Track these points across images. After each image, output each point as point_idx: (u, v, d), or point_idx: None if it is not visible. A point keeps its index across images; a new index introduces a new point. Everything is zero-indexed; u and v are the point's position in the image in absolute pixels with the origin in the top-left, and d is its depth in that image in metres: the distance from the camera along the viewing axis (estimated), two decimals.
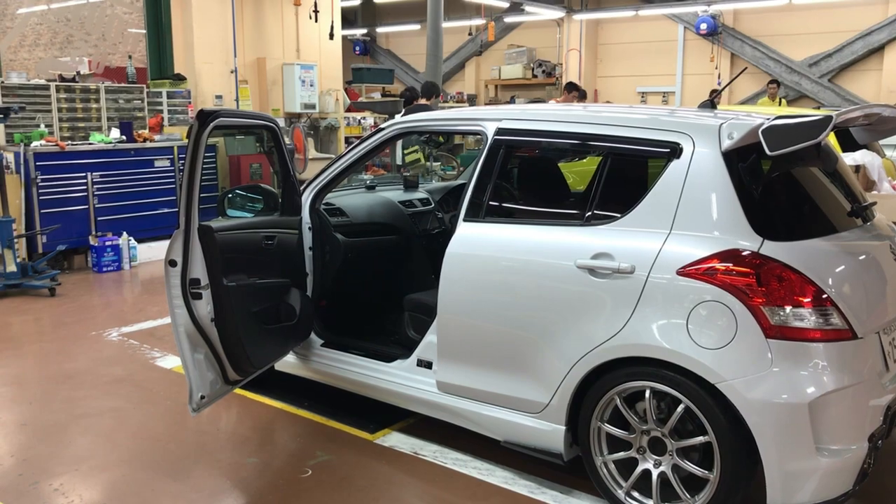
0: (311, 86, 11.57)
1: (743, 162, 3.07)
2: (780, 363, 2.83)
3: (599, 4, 17.93)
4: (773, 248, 2.92)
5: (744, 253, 2.93)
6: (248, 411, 4.42)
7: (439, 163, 8.99)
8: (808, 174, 3.42)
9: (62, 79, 9.61)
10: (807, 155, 3.16)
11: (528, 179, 4.13)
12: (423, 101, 9.10)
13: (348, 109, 12.84)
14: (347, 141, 11.96)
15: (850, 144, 6.13)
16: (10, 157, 7.70)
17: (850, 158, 6.21)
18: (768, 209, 3.10)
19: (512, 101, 18.15)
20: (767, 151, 2.91)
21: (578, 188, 4.64)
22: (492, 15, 16.70)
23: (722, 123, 3.14)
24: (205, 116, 3.45)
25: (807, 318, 2.84)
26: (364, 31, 20.87)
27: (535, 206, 3.86)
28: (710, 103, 3.72)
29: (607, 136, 3.45)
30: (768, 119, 3.03)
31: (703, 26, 15.99)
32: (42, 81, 9.47)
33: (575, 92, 11.55)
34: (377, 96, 15.09)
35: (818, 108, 12.21)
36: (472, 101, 18.84)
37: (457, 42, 19.30)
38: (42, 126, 8.71)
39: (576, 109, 4.00)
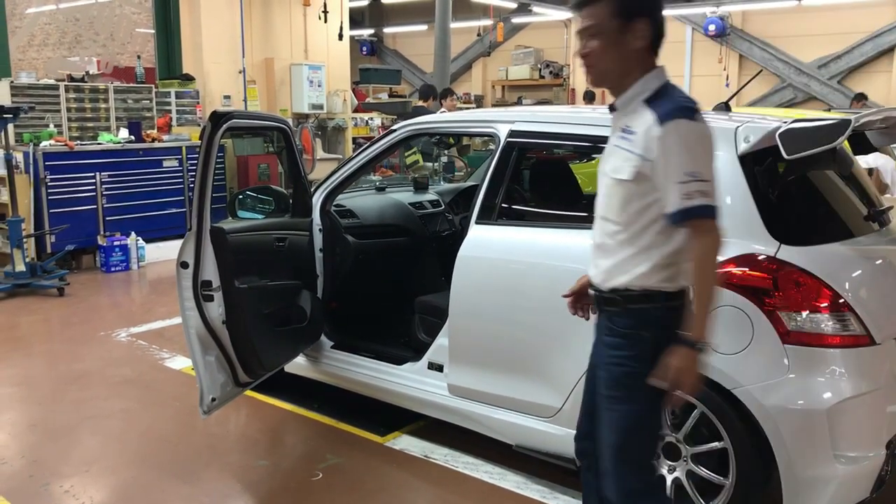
0: (319, 86, 11.56)
1: (759, 165, 3.04)
2: (797, 369, 2.80)
3: None
4: (789, 253, 2.89)
5: (760, 257, 2.90)
6: (258, 413, 4.41)
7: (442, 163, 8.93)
8: (823, 178, 3.39)
9: (71, 79, 9.63)
10: (822, 158, 3.13)
11: (541, 181, 4.10)
12: (420, 103, 9.02)
13: (356, 110, 12.84)
14: (355, 141, 11.94)
15: (861, 148, 6.07)
16: (19, 156, 7.69)
17: (862, 162, 6.16)
18: (785, 213, 3.07)
19: (519, 101, 18.14)
20: (784, 155, 2.88)
21: (588, 189, 4.61)
22: (500, 16, 16.66)
23: (738, 126, 3.11)
24: (218, 118, 3.44)
25: (824, 323, 2.81)
26: (371, 31, 20.85)
27: (547, 209, 3.84)
28: (725, 105, 3.70)
29: None
30: (784, 122, 3.01)
31: (712, 27, 15.90)
32: (51, 81, 9.50)
33: None
34: (384, 97, 15.09)
35: (828, 110, 12.12)
36: (479, 101, 18.81)
37: (464, 43, 19.25)
38: (51, 126, 8.73)
39: (588, 111, 3.98)
